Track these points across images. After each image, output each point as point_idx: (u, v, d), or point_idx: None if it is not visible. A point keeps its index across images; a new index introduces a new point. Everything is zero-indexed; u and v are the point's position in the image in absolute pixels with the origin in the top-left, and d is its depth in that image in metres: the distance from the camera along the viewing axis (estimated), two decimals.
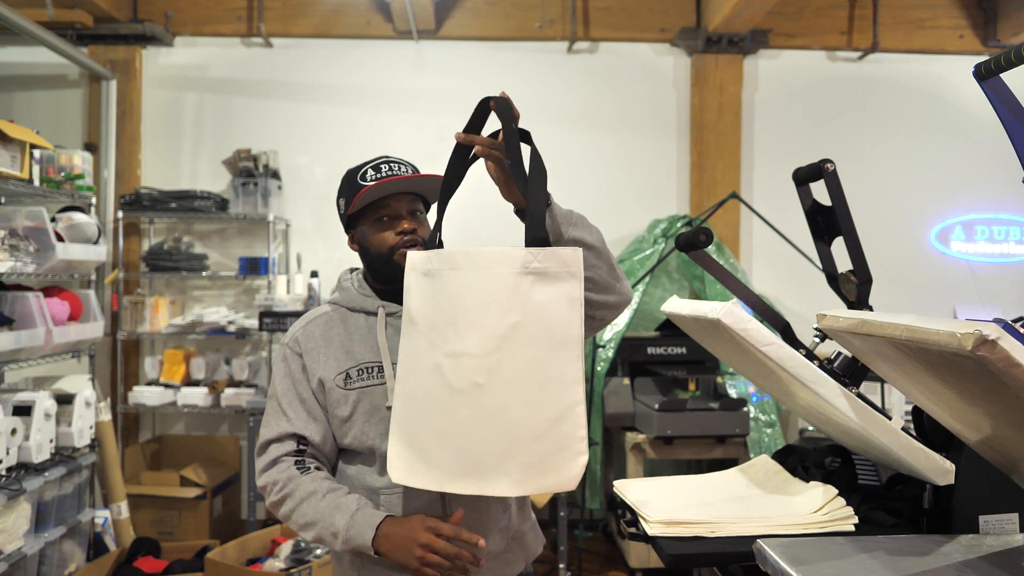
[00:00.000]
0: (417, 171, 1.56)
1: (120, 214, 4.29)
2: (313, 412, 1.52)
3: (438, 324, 1.30)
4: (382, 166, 1.53)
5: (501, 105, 1.31)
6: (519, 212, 1.38)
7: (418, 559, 1.32)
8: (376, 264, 1.55)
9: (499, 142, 1.33)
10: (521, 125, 1.33)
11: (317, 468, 1.51)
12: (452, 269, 1.30)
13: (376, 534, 1.36)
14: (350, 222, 1.57)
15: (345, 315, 1.57)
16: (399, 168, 1.54)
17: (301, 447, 1.50)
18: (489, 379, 1.24)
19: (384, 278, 1.55)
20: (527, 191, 1.28)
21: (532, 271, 1.24)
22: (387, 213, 1.52)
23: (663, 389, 3.79)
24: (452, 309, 1.28)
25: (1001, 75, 1.26)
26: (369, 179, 1.52)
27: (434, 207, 1.55)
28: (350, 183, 1.55)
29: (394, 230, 1.52)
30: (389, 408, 1.47)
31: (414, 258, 1.37)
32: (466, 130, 1.37)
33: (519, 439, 1.23)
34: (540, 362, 1.23)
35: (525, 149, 1.32)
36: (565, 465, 1.24)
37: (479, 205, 2.84)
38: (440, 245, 1.40)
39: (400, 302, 1.54)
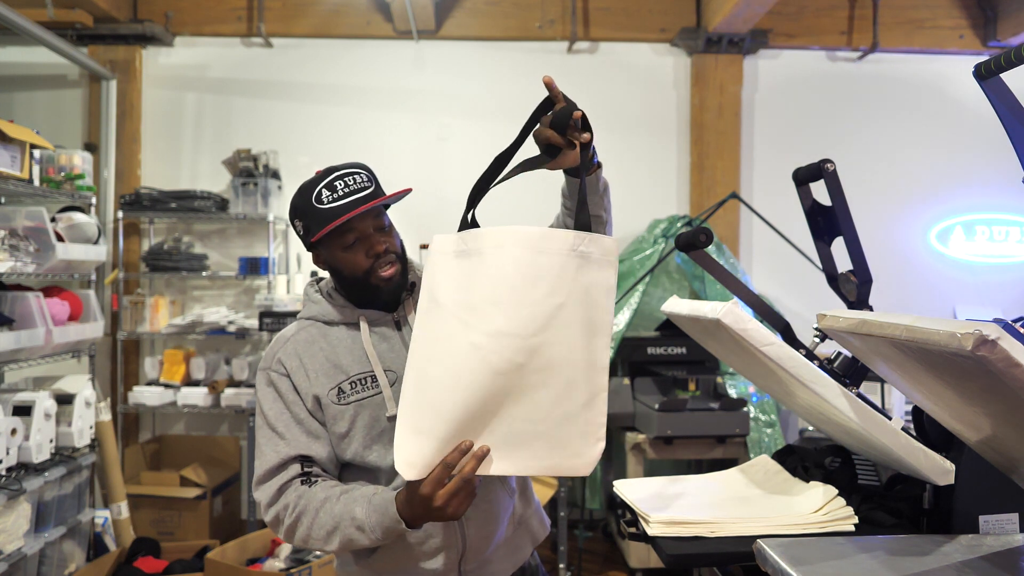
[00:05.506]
0: (373, 176, 1.48)
1: (120, 214, 4.29)
2: (313, 430, 1.44)
3: (476, 304, 1.23)
4: (336, 183, 1.42)
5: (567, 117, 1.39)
6: (570, 170, 1.44)
7: (439, 507, 1.26)
8: (352, 286, 1.48)
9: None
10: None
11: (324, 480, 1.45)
12: (496, 247, 1.24)
13: (397, 508, 1.32)
14: (312, 243, 1.48)
15: (324, 329, 1.50)
16: (354, 181, 1.43)
17: (306, 469, 1.42)
18: (530, 360, 1.22)
19: (361, 299, 1.50)
20: (583, 178, 1.33)
21: (579, 254, 1.24)
22: (355, 236, 1.44)
23: (663, 389, 3.79)
24: (494, 288, 1.22)
25: (1001, 75, 1.26)
26: (326, 200, 1.41)
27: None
28: (305, 206, 1.44)
29: (366, 253, 1.44)
30: (390, 419, 1.43)
31: (442, 241, 1.29)
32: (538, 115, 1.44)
33: (550, 420, 1.23)
34: (579, 346, 1.23)
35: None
36: (586, 449, 1.24)
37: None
38: (474, 224, 1.32)
39: (380, 309, 1.51)
